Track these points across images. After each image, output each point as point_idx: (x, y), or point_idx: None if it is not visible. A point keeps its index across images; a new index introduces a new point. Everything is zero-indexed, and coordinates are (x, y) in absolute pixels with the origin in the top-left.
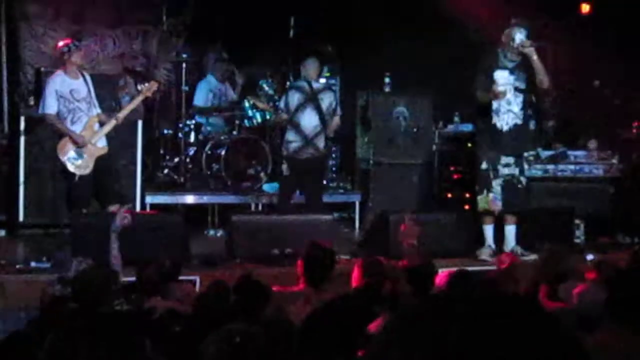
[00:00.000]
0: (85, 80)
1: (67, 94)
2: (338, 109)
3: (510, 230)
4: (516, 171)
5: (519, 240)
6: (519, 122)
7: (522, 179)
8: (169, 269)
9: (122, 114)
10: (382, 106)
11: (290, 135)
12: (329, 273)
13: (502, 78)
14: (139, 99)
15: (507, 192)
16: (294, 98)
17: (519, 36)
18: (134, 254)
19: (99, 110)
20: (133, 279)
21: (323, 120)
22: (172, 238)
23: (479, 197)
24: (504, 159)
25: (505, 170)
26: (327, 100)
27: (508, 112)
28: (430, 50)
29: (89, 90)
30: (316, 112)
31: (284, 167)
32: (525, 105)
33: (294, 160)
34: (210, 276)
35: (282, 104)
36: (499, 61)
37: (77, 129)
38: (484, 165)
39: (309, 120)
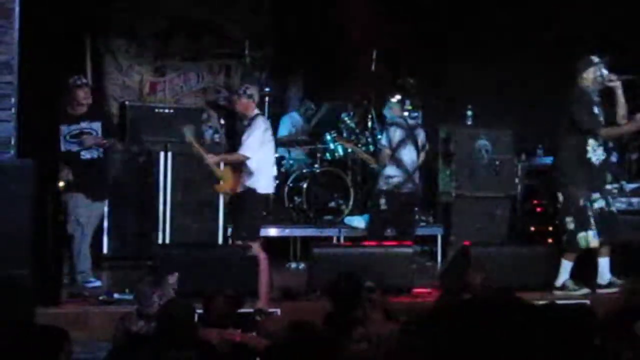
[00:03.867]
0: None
1: None
2: (427, 144)
3: (604, 263)
4: (603, 203)
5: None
6: (605, 157)
7: (612, 208)
8: (234, 300)
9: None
10: (464, 139)
11: (392, 170)
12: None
13: None
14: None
15: (601, 226)
16: (396, 134)
17: (605, 71)
18: (216, 287)
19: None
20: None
21: (418, 155)
22: (253, 270)
23: (579, 235)
24: (593, 195)
25: (595, 205)
26: (421, 135)
27: (599, 147)
28: (512, 82)
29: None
30: (414, 147)
31: (382, 201)
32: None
33: (394, 194)
34: (291, 309)
35: (384, 141)
36: (591, 98)
37: None
38: (582, 202)
39: (410, 155)
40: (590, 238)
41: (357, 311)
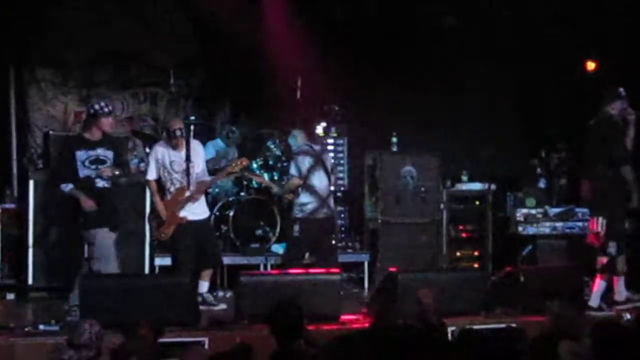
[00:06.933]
0: (188, 150)
1: (167, 164)
2: (335, 167)
3: (622, 281)
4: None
5: None
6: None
7: None
8: (156, 329)
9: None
10: (389, 166)
11: (305, 198)
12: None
13: None
14: (223, 174)
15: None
16: (305, 162)
17: (623, 105)
18: (143, 316)
19: (205, 179)
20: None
21: (329, 180)
22: (180, 299)
23: (619, 259)
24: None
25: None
26: (328, 160)
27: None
28: (436, 109)
29: (187, 160)
30: (324, 173)
31: (296, 228)
32: None
33: (309, 221)
34: (219, 337)
35: (293, 170)
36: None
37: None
38: (622, 228)
39: (321, 181)
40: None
41: (300, 342)
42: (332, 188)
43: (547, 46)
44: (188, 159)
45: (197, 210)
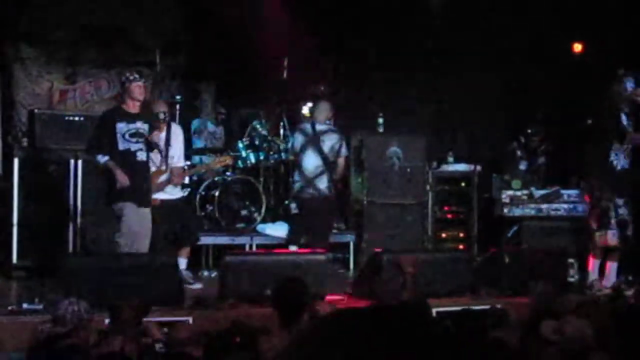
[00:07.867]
0: (168, 133)
1: None
2: (343, 150)
3: (614, 267)
4: (625, 211)
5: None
6: (626, 165)
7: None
8: (140, 309)
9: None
10: (375, 147)
11: (295, 176)
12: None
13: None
14: (203, 167)
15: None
16: (298, 140)
17: (630, 85)
18: (127, 296)
19: (180, 164)
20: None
21: (325, 161)
22: (164, 279)
23: (597, 234)
24: (617, 200)
25: (619, 211)
26: (329, 142)
27: (623, 153)
28: (422, 90)
29: (167, 144)
30: (317, 153)
31: (292, 205)
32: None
33: (298, 199)
34: (203, 317)
35: (290, 145)
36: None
37: None
38: (604, 204)
39: (310, 161)
40: (607, 236)
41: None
42: (338, 171)
43: (533, 28)
44: (168, 142)
45: (169, 190)
